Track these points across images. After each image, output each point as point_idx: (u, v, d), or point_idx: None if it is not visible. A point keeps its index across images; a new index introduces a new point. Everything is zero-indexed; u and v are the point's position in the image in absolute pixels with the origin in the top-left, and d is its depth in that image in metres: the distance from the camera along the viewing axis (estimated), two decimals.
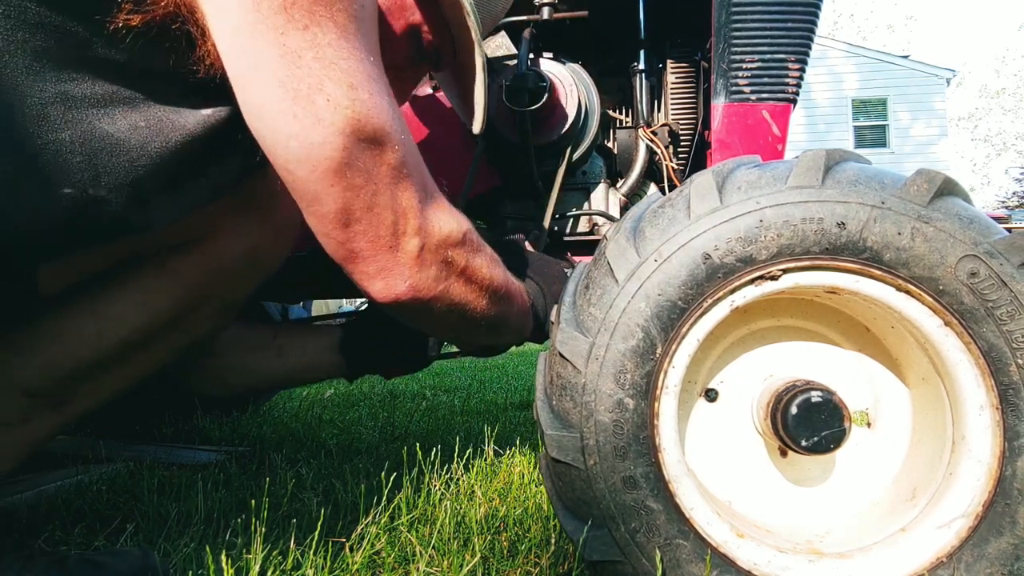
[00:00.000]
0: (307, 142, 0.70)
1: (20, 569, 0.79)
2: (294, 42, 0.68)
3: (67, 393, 0.88)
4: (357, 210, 0.74)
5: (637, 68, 1.55)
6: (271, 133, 0.71)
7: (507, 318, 1.02)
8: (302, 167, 0.71)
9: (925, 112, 16.83)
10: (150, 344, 0.92)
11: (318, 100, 0.69)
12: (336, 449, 1.74)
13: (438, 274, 0.83)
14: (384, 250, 0.78)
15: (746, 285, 0.77)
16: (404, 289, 0.80)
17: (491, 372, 4.12)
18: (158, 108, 0.74)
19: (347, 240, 0.76)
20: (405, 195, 0.78)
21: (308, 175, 0.71)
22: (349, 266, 0.79)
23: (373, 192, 0.75)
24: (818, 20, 1.35)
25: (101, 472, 1.43)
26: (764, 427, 0.86)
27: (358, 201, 0.74)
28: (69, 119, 0.67)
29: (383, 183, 0.75)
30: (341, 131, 0.70)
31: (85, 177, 0.69)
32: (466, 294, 0.88)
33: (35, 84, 0.65)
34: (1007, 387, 0.74)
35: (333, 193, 0.73)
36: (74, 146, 0.67)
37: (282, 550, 0.93)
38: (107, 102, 0.70)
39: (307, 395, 3.01)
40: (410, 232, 0.79)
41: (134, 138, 0.71)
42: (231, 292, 0.98)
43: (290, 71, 0.68)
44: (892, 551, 0.78)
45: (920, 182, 0.75)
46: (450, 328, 0.96)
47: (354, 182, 0.73)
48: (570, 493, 0.78)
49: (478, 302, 0.91)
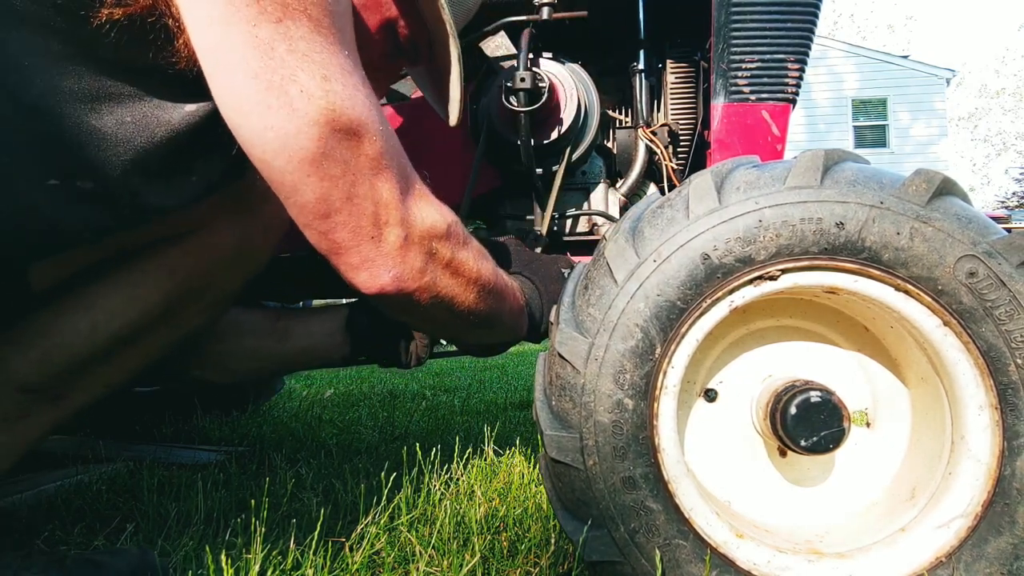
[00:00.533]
0: (282, 132, 0.70)
1: (18, 568, 0.79)
2: (266, 34, 0.68)
3: (63, 388, 0.89)
4: (336, 200, 0.75)
5: (637, 68, 1.55)
6: (246, 124, 0.71)
7: (499, 315, 1.01)
8: (278, 158, 0.71)
9: (925, 112, 16.82)
10: (142, 338, 0.93)
11: (291, 91, 0.69)
12: (336, 449, 1.74)
13: (423, 266, 0.83)
14: (366, 240, 0.78)
15: (745, 285, 0.77)
16: (388, 280, 0.81)
17: (491, 372, 4.12)
18: (143, 103, 0.74)
19: (328, 231, 0.77)
20: (385, 186, 0.78)
21: (284, 166, 0.72)
22: (333, 258, 0.80)
23: (352, 182, 0.75)
24: (818, 20, 1.35)
25: (101, 472, 1.44)
26: (763, 427, 0.86)
27: (336, 191, 0.74)
28: (58, 113, 0.68)
29: (361, 173, 0.76)
30: (315, 121, 0.70)
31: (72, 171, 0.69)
32: (452, 288, 0.88)
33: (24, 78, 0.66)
34: (1006, 387, 0.74)
35: (310, 183, 0.73)
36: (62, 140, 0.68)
37: (282, 550, 0.93)
38: (93, 97, 0.71)
39: (307, 395, 3.01)
40: (392, 222, 0.79)
41: (120, 133, 0.72)
42: (221, 287, 1.00)
43: (263, 62, 0.68)
44: (891, 551, 0.78)
45: (919, 182, 0.75)
46: (440, 324, 0.96)
47: (331, 172, 0.73)
48: (569, 493, 0.78)
49: (466, 296, 0.91)
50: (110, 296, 0.89)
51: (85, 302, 0.88)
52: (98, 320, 0.88)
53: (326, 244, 0.78)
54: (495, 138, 1.37)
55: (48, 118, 0.68)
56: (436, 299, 0.87)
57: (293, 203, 0.75)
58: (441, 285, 0.87)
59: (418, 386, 3.41)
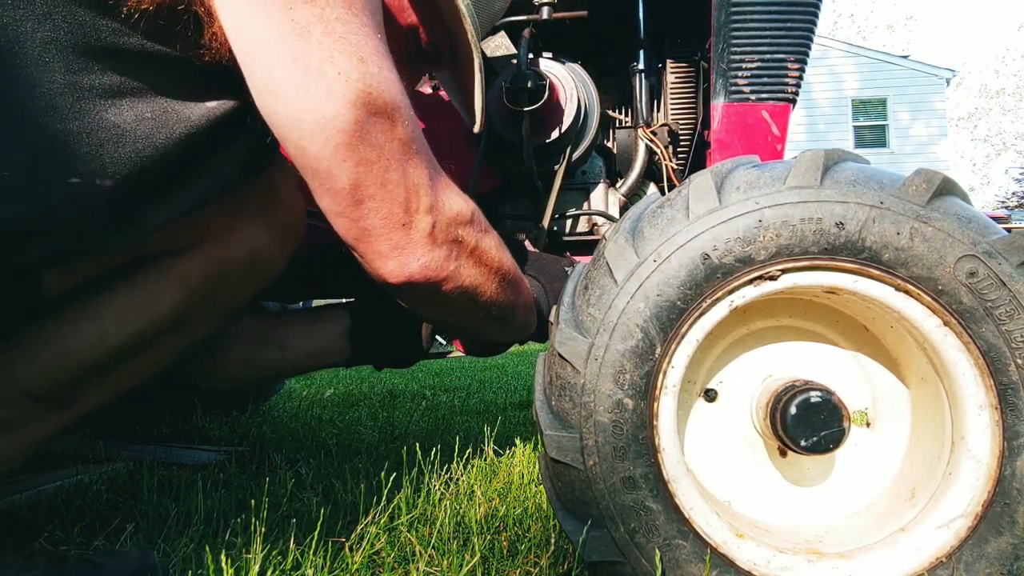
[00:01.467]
0: (319, 115, 0.69)
1: (19, 569, 0.79)
2: (303, 17, 0.68)
3: (70, 395, 0.88)
4: (370, 186, 0.74)
5: (637, 68, 1.55)
6: (283, 109, 0.70)
7: (515, 308, 1.01)
8: (315, 142, 0.70)
9: (925, 112, 16.82)
10: (151, 347, 0.92)
11: (329, 73, 0.69)
12: (336, 449, 1.74)
13: (449, 253, 0.82)
14: (397, 228, 0.77)
15: (745, 285, 0.77)
16: (417, 268, 0.80)
17: (491, 372, 4.12)
18: (164, 100, 0.74)
19: (360, 218, 0.76)
20: (416, 171, 0.77)
21: (321, 151, 0.71)
22: (362, 246, 0.78)
23: (385, 167, 0.74)
24: (818, 20, 1.35)
25: (101, 472, 1.44)
26: (763, 427, 0.86)
27: (371, 176, 0.73)
28: (77, 109, 0.67)
29: (395, 158, 0.75)
30: (353, 103, 0.70)
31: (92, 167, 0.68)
32: (476, 276, 0.88)
33: (44, 74, 0.65)
34: (1006, 387, 0.74)
35: (346, 168, 0.72)
36: (81, 136, 0.68)
37: (282, 550, 0.93)
38: (114, 92, 0.70)
39: (307, 395, 3.01)
40: (422, 209, 0.78)
41: (140, 129, 0.71)
42: (233, 296, 0.98)
43: (300, 46, 0.68)
44: (891, 551, 0.78)
45: (919, 182, 0.75)
46: (461, 315, 0.95)
47: (367, 156, 0.72)
48: (569, 493, 0.78)
49: (488, 286, 0.90)
50: (120, 305, 0.88)
51: (94, 311, 0.87)
52: (107, 329, 0.87)
53: (356, 232, 0.77)
54: (495, 138, 1.37)
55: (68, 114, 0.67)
56: (461, 288, 0.86)
57: (327, 190, 0.74)
58: (466, 274, 0.86)
59: (418, 386, 3.41)
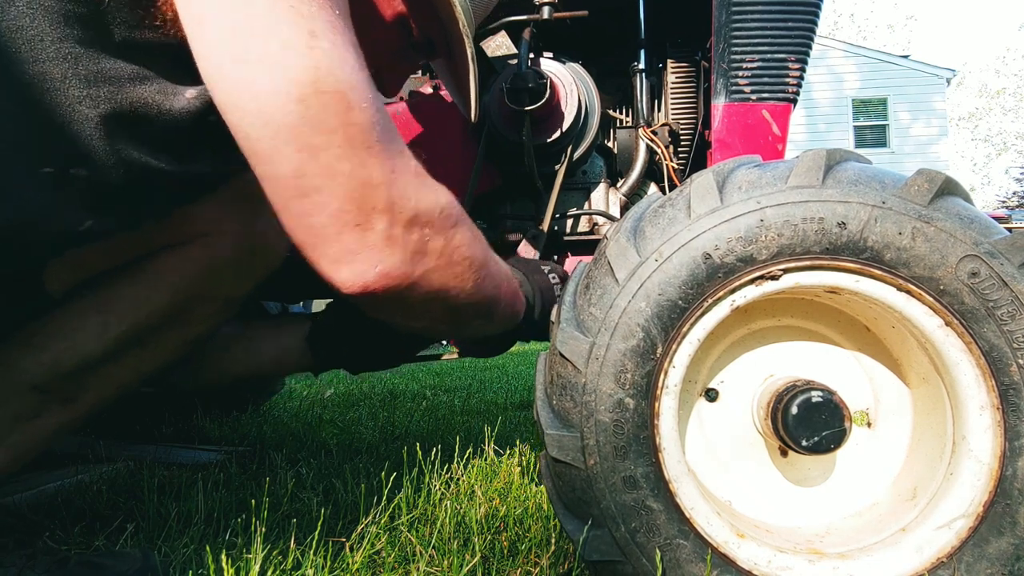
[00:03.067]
0: (258, 91, 0.62)
1: (22, 568, 0.79)
2: None
3: (74, 389, 0.89)
4: (315, 176, 0.65)
5: (637, 68, 1.55)
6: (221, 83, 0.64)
7: (496, 300, 0.92)
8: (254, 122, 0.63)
9: (925, 112, 16.81)
10: (153, 339, 0.92)
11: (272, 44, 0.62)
12: (336, 449, 1.74)
13: (413, 256, 0.73)
14: (349, 228, 0.67)
15: (746, 285, 0.77)
16: (374, 276, 0.70)
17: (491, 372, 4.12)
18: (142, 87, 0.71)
19: (304, 213, 0.66)
20: (376, 163, 0.68)
21: (260, 131, 0.63)
22: (308, 249, 0.69)
23: (336, 156, 0.65)
24: (818, 20, 1.35)
25: (101, 472, 1.44)
26: (764, 427, 0.86)
27: (315, 165, 0.65)
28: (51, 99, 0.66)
29: (349, 146, 0.66)
30: (296, 80, 0.62)
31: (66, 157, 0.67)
32: (448, 278, 0.78)
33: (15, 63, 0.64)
34: (1008, 387, 0.74)
35: (287, 153, 0.64)
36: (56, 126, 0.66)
37: (282, 550, 0.93)
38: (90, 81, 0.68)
39: (307, 395, 3.01)
40: (380, 207, 0.68)
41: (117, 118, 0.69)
42: (232, 288, 0.98)
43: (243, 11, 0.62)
44: (892, 551, 0.78)
45: (921, 182, 0.75)
46: (436, 320, 0.86)
47: (312, 142, 0.64)
48: (570, 493, 0.78)
49: (464, 284, 0.81)
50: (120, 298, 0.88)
51: (96, 305, 0.87)
52: (109, 322, 0.87)
53: (302, 231, 0.68)
54: (496, 137, 1.37)
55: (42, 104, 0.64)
56: (430, 293, 0.77)
57: (267, 177, 0.66)
58: (436, 277, 0.77)
59: (418, 386, 3.41)
